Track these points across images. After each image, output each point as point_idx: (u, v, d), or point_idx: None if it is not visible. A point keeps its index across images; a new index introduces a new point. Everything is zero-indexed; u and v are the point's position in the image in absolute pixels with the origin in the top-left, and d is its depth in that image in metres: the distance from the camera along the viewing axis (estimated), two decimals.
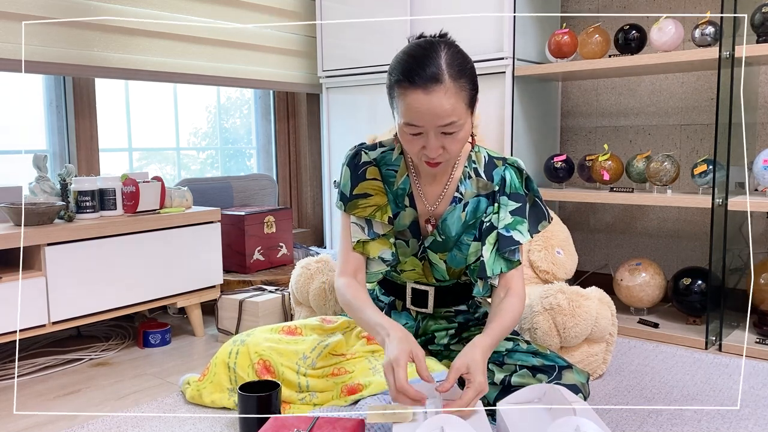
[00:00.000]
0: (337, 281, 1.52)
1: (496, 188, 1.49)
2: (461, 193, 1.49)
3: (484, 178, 1.50)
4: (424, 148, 1.33)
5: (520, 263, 1.50)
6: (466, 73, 1.31)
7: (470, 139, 1.49)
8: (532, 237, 1.50)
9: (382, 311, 1.67)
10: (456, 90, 1.28)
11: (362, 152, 1.53)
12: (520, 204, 1.49)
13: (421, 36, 1.38)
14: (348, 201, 1.52)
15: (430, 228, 1.51)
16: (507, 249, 1.47)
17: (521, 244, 1.47)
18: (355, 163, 1.53)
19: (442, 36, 1.37)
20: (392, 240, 1.52)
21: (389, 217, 1.50)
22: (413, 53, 1.31)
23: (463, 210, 1.49)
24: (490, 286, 1.50)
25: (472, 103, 1.34)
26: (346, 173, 1.54)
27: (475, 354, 1.29)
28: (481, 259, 1.47)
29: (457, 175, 1.50)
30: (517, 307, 1.44)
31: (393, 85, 1.33)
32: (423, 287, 1.59)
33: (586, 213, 2.93)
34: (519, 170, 1.51)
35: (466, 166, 1.50)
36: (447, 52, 1.30)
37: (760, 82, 2.42)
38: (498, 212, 1.49)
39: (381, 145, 1.55)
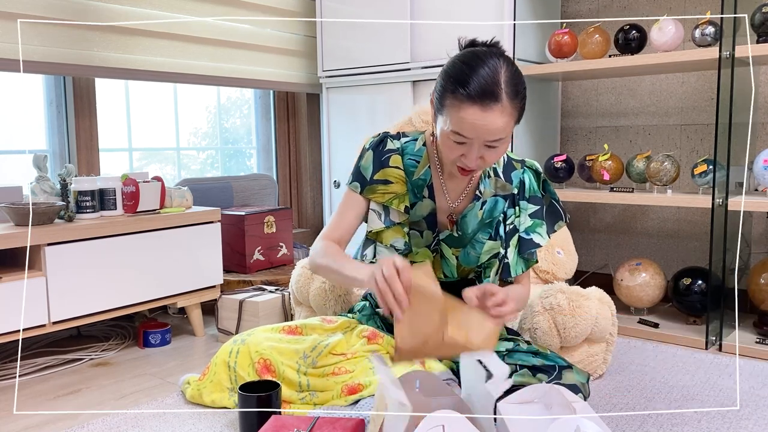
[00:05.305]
0: (315, 243, 1.54)
1: (515, 191, 1.52)
2: (480, 192, 1.52)
3: (502, 178, 1.53)
4: (463, 156, 1.33)
5: (536, 262, 1.58)
6: (520, 93, 1.30)
7: None
8: (549, 238, 1.55)
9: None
10: (511, 110, 1.28)
11: (388, 139, 1.55)
12: (538, 207, 1.54)
13: (473, 43, 1.36)
14: (367, 184, 1.53)
15: (449, 224, 1.54)
16: (527, 252, 1.52)
17: (541, 246, 1.52)
18: (380, 148, 1.54)
19: (495, 45, 1.35)
20: (406, 230, 1.53)
21: (406, 206, 1.52)
22: (472, 64, 1.28)
23: (481, 208, 1.51)
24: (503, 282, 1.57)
25: (520, 119, 1.34)
26: (368, 156, 1.54)
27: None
28: (506, 261, 1.52)
29: (479, 174, 1.52)
30: (525, 292, 1.55)
31: (446, 92, 1.30)
32: None
33: (586, 213, 2.93)
34: (537, 173, 1.55)
35: None
36: (507, 69, 1.28)
37: (761, 82, 2.42)
38: (519, 216, 1.53)
39: (404, 135, 1.56)
